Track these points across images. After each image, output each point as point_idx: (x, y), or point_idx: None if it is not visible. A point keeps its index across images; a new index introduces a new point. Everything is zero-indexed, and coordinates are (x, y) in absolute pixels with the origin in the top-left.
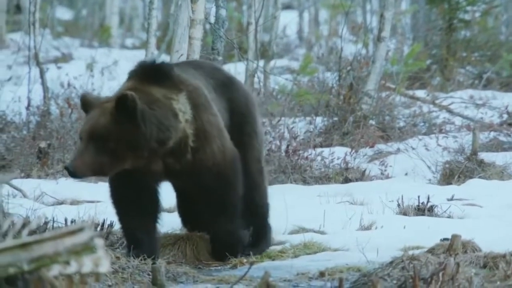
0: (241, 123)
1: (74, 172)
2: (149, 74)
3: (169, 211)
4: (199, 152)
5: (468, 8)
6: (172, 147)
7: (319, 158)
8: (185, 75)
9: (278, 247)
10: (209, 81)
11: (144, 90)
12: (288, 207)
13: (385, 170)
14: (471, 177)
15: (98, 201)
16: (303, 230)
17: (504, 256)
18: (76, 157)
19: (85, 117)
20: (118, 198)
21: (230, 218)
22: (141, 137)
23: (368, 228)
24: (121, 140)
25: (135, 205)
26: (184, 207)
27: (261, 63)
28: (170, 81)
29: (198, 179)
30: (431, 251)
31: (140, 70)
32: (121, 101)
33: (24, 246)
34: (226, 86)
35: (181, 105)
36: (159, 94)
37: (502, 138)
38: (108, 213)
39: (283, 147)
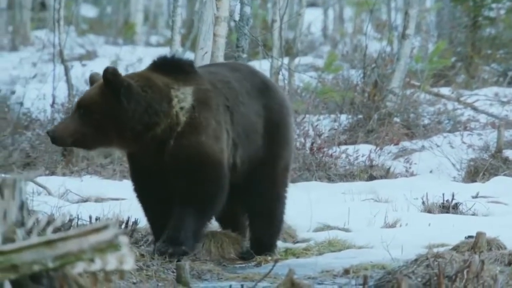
0: (273, 132)
1: (54, 138)
2: (162, 65)
3: None
4: (183, 137)
5: (493, 5)
6: (160, 135)
7: (343, 155)
8: (208, 76)
9: (303, 245)
10: (244, 85)
11: (145, 75)
12: (313, 204)
13: (410, 168)
14: (495, 175)
15: (122, 199)
16: (327, 227)
17: None
18: (60, 124)
19: None
20: (140, 194)
21: (185, 221)
22: (123, 113)
23: (392, 225)
24: (105, 113)
25: (156, 200)
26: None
27: (286, 60)
28: (183, 75)
29: (177, 166)
30: (456, 248)
31: (157, 61)
32: (107, 76)
33: (48, 243)
34: (262, 91)
35: (180, 93)
36: (160, 81)
37: None
38: (132, 211)
39: (308, 145)
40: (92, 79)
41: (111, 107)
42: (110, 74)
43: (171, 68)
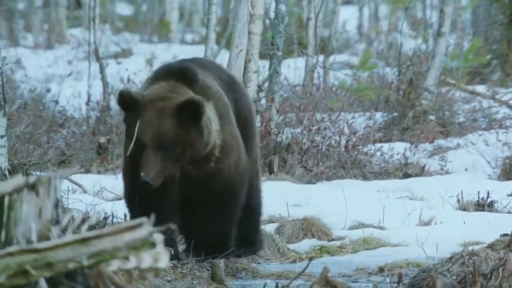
0: (244, 126)
1: (152, 184)
2: (178, 76)
3: None
4: (220, 162)
5: None
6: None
7: (378, 153)
8: (208, 81)
9: (338, 243)
10: (217, 82)
11: (182, 93)
12: (348, 202)
13: (445, 166)
14: None
15: None
16: (362, 225)
17: None
18: (150, 168)
19: (140, 119)
20: (135, 205)
21: (226, 225)
22: (200, 140)
23: (427, 223)
24: (187, 144)
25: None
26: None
27: (321, 58)
28: (198, 85)
29: (209, 188)
30: (491, 246)
31: (168, 70)
32: (191, 106)
33: (83, 241)
34: (230, 87)
35: (210, 113)
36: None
37: None
38: None
39: (343, 143)
40: (127, 96)
41: (192, 136)
42: (202, 107)
43: (185, 78)
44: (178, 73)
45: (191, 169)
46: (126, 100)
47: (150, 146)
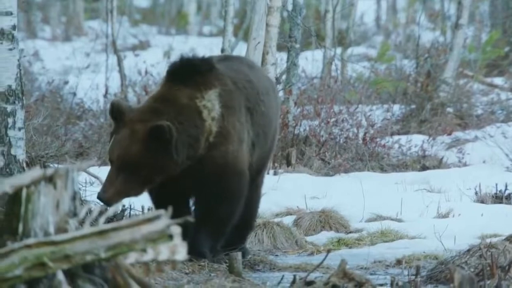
0: (274, 134)
1: (107, 202)
2: (178, 74)
3: None
4: (215, 148)
5: None
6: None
7: (396, 145)
8: (231, 74)
9: (355, 235)
10: (262, 83)
11: (169, 98)
12: (365, 194)
13: (463, 158)
14: None
15: None
16: (380, 217)
17: None
18: (108, 187)
19: (115, 135)
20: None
21: (213, 228)
22: (173, 163)
23: (445, 216)
24: (152, 168)
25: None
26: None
27: (339, 50)
28: (202, 77)
29: (204, 176)
30: (509, 239)
31: (172, 71)
32: (157, 133)
33: (101, 233)
34: (273, 89)
35: (207, 101)
36: (184, 97)
37: None
38: None
39: (361, 135)
40: (116, 107)
41: (160, 162)
42: (168, 134)
43: (187, 73)
44: (178, 71)
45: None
46: (115, 112)
47: (114, 165)
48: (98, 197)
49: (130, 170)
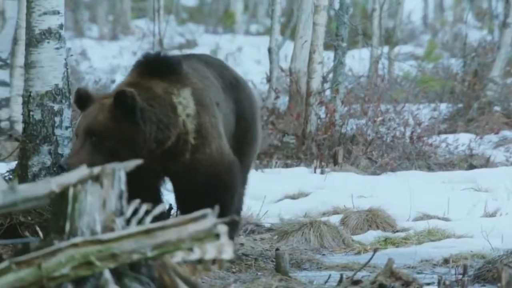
0: (245, 129)
1: (68, 170)
2: (153, 67)
3: (293, 197)
4: (198, 151)
5: None
6: (170, 146)
7: (443, 144)
8: (194, 73)
9: (402, 234)
10: (218, 80)
11: (144, 85)
12: (412, 193)
13: (510, 157)
14: None
15: None
16: (427, 217)
17: None
18: (72, 154)
19: (81, 113)
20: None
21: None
22: (140, 136)
23: (492, 215)
24: (119, 139)
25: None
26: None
27: (386, 49)
28: (175, 75)
29: (194, 180)
30: None
31: (144, 62)
32: (120, 98)
33: (148, 232)
34: (233, 87)
35: (182, 99)
36: (159, 88)
37: None
38: None
39: (407, 134)
40: (81, 94)
41: (126, 131)
42: (130, 99)
43: (162, 69)
44: (152, 64)
45: (170, 163)
46: (81, 97)
47: (80, 135)
48: (59, 166)
49: (96, 140)
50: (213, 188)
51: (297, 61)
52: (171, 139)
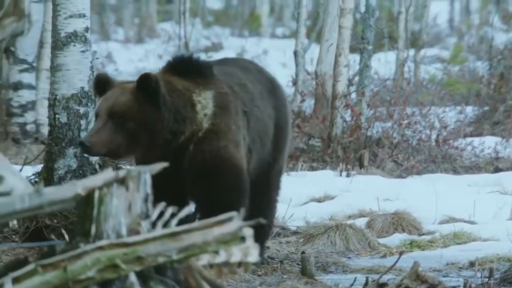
0: (279, 135)
1: (89, 148)
2: (181, 67)
3: (319, 200)
4: (203, 143)
5: None
6: (182, 141)
7: (469, 147)
8: (226, 79)
9: (428, 237)
10: (257, 86)
11: (165, 79)
12: (438, 196)
13: None
14: None
15: None
16: (453, 220)
17: None
18: (93, 133)
19: (102, 97)
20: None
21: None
22: (159, 121)
23: None
24: (140, 121)
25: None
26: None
27: (411, 52)
28: (202, 78)
29: (197, 171)
30: None
31: (174, 63)
32: (144, 81)
33: (173, 235)
34: (270, 92)
35: (202, 98)
36: (180, 85)
37: None
38: None
39: (433, 137)
40: (101, 79)
41: (147, 114)
42: (154, 82)
43: (189, 70)
44: (179, 65)
45: (177, 159)
46: (101, 82)
47: (101, 116)
48: (80, 142)
49: (117, 120)
50: (217, 185)
51: (323, 64)
52: (185, 134)
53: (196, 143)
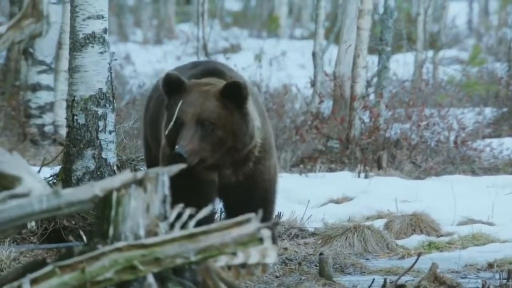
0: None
1: (186, 159)
2: (214, 74)
3: (337, 202)
4: (260, 163)
5: None
6: (241, 156)
7: (488, 149)
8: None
9: (446, 239)
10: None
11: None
12: (456, 198)
13: None
14: None
15: None
16: (471, 221)
17: None
18: (187, 142)
19: (182, 99)
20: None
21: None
22: (244, 126)
23: None
24: (228, 128)
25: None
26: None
27: (430, 53)
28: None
29: (248, 191)
30: None
31: (202, 69)
32: (234, 88)
33: (191, 237)
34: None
35: (251, 110)
36: None
37: None
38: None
39: (452, 138)
40: (174, 79)
41: (234, 121)
42: (245, 89)
43: (220, 76)
44: (212, 72)
45: (230, 174)
46: (172, 83)
47: (189, 123)
48: (177, 152)
49: (207, 128)
50: (264, 200)
51: (341, 66)
52: (247, 147)
53: (255, 162)
